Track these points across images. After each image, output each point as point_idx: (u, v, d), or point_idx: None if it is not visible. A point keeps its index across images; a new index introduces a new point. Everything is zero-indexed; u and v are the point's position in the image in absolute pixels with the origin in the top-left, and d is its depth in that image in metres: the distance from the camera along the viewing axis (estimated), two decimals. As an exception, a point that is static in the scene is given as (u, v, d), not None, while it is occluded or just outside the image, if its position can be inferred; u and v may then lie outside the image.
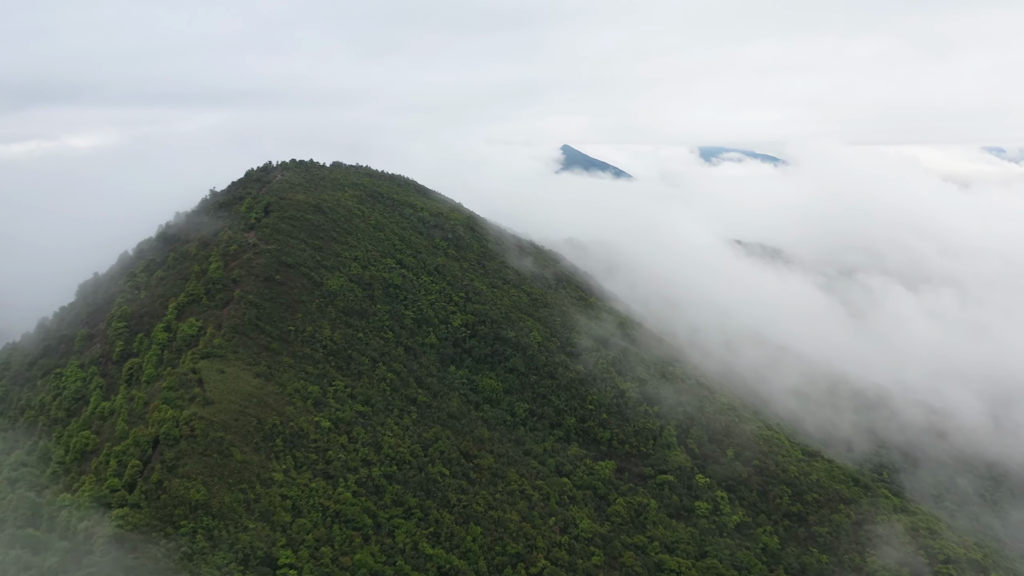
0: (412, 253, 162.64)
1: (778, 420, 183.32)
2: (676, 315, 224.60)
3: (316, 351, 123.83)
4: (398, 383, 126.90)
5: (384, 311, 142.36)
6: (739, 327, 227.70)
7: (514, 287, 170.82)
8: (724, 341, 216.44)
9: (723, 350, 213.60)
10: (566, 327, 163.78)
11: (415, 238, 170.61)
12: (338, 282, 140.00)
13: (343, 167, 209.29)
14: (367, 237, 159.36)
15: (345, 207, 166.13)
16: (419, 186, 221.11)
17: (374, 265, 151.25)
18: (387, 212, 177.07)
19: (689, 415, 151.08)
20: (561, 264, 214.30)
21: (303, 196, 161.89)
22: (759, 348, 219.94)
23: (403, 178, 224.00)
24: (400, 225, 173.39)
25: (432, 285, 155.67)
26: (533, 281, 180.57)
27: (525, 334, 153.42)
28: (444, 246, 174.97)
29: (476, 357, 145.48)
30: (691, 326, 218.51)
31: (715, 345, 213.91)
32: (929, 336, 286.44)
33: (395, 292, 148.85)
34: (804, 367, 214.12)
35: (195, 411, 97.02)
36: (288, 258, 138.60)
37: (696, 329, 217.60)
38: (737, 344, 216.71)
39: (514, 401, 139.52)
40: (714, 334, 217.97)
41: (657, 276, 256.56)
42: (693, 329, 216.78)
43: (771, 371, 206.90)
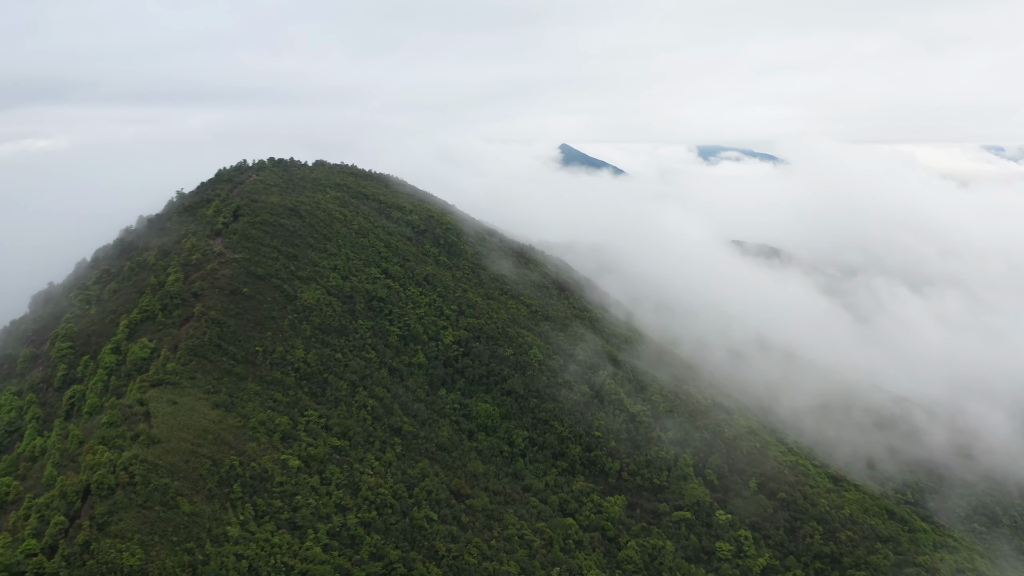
0: (399, 261, 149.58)
1: (796, 439, 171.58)
2: (680, 322, 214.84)
3: (287, 375, 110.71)
4: (380, 411, 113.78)
5: (366, 327, 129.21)
6: (746, 334, 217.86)
7: (512, 298, 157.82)
8: (732, 350, 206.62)
9: (732, 361, 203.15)
10: (570, 342, 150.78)
11: (403, 245, 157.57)
12: (314, 295, 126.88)
13: (326, 166, 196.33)
14: (349, 244, 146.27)
15: (325, 210, 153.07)
16: (409, 187, 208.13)
17: (356, 275, 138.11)
18: (372, 216, 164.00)
19: (706, 441, 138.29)
20: (562, 271, 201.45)
21: (278, 198, 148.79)
22: (768, 357, 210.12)
23: (392, 178, 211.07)
24: (386, 230, 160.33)
25: (421, 297, 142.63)
26: (533, 291, 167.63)
27: (524, 352, 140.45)
28: (435, 253, 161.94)
29: (470, 378, 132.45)
30: (697, 334, 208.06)
31: (722, 355, 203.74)
32: (941, 343, 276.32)
33: (379, 306, 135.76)
34: (817, 378, 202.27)
35: (137, 453, 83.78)
36: (258, 268, 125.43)
37: (702, 338, 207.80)
38: (745, 353, 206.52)
39: (512, 428, 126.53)
40: (720, 342, 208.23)
41: (658, 280, 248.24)
42: (699, 337, 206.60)
43: (782, 383, 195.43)
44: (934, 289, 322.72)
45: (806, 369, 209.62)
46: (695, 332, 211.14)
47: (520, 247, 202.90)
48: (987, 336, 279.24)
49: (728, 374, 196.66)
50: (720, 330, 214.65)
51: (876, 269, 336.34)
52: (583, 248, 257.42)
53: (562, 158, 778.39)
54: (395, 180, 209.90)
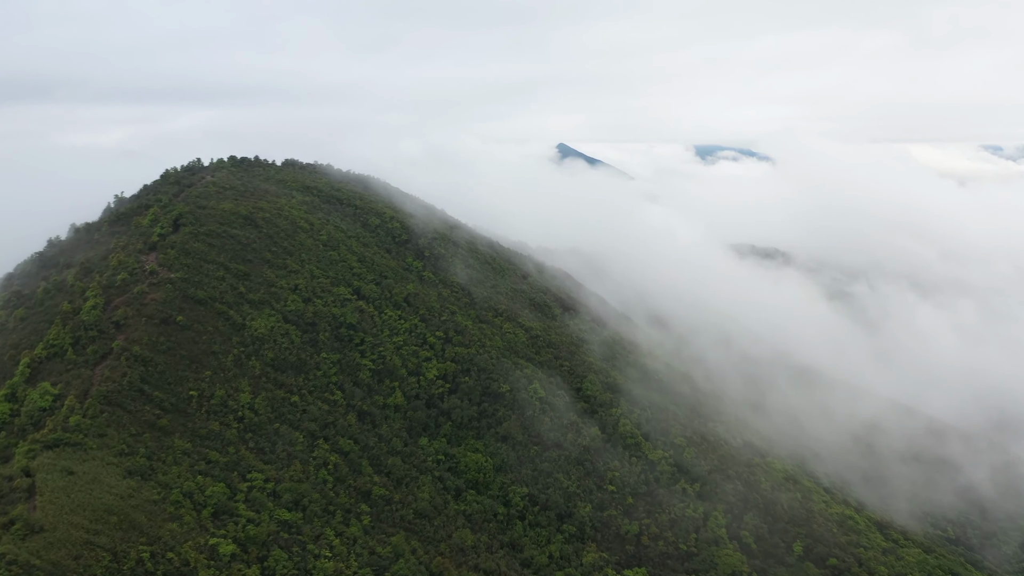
0: (375, 278, 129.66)
1: (832, 479, 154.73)
2: (685, 334, 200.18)
3: (227, 426, 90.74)
4: (345, 469, 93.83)
5: (331, 362, 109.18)
6: (758, 349, 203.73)
7: (508, 320, 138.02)
8: (745, 369, 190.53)
9: (747, 382, 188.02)
10: (576, 373, 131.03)
11: (380, 258, 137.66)
12: (268, 323, 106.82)
13: (297, 166, 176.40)
14: (314, 259, 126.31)
15: (288, 218, 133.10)
16: (392, 190, 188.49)
17: (321, 297, 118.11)
18: (346, 224, 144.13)
19: (740, 494, 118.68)
20: (564, 284, 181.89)
21: (231, 204, 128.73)
22: (785, 376, 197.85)
23: (373, 180, 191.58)
24: (361, 241, 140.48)
25: (400, 322, 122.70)
26: (533, 311, 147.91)
27: (524, 387, 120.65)
28: (418, 268, 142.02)
29: (457, 421, 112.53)
30: (706, 350, 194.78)
31: (736, 374, 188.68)
32: (959, 355, 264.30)
33: (348, 334, 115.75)
34: (842, 400, 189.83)
35: (6, 550, 63.58)
36: (198, 290, 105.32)
37: (713, 354, 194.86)
38: (760, 372, 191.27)
39: (508, 484, 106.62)
40: (731, 358, 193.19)
41: (657, 288, 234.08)
42: (709, 354, 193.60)
43: (805, 406, 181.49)
44: (941, 296, 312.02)
45: (827, 388, 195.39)
46: (704, 347, 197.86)
47: (518, 257, 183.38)
48: (1007, 348, 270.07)
49: (746, 396, 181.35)
50: (730, 344, 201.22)
51: (876, 272, 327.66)
52: (581, 254, 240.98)
53: (559, 157, 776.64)
54: (376, 182, 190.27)
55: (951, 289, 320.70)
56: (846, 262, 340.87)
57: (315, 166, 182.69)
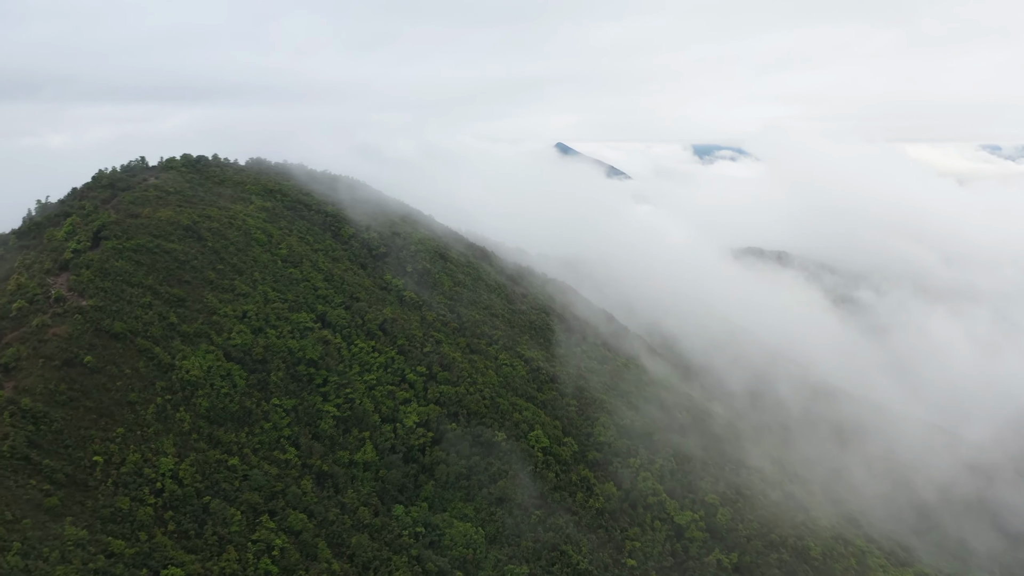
0: (344, 301, 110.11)
1: (872, 523, 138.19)
2: (696, 351, 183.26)
3: (141, 503, 71.24)
4: (296, 555, 74.24)
5: (285, 410, 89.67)
6: (776, 367, 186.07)
7: (505, 349, 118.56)
8: (765, 393, 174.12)
9: (769, 407, 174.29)
10: (587, 416, 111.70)
11: (353, 276, 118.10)
12: (204, 362, 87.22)
13: (264, 166, 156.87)
14: (271, 277, 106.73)
15: (242, 229, 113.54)
16: (372, 192, 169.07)
17: (275, 326, 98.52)
18: (313, 235, 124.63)
19: (788, 566, 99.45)
20: (568, 301, 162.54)
21: (171, 212, 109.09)
22: (805, 396, 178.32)
23: (351, 182, 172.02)
24: (331, 255, 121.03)
25: (373, 356, 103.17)
26: (534, 335, 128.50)
27: (523, 434, 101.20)
28: (398, 287, 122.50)
29: (442, 480, 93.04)
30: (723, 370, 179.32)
31: (755, 398, 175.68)
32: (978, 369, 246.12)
33: (308, 373, 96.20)
34: (869, 423, 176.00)
35: None
36: (116, 322, 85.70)
37: (729, 375, 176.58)
38: (781, 395, 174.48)
39: (504, 562, 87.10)
40: (747, 377, 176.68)
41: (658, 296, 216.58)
42: (725, 373, 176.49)
43: (832, 432, 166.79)
44: (950, 302, 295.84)
45: (851, 408, 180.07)
46: (717, 367, 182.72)
47: (516, 270, 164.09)
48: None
49: (769, 426, 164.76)
50: (743, 362, 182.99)
51: (879, 276, 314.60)
52: (577, 257, 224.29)
53: (557, 157, 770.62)
54: (356, 185, 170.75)
55: (959, 295, 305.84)
56: (848, 265, 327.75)
57: (285, 166, 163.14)
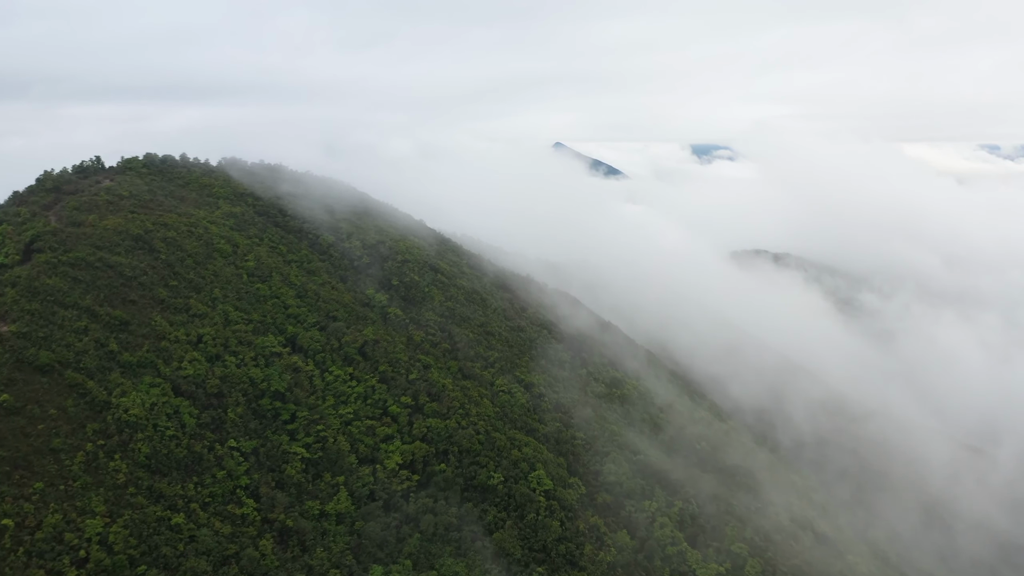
0: (319, 321, 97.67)
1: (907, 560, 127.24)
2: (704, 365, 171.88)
3: (58, 579, 58.71)
4: (248, 639, 61.67)
5: (242, 454, 77.22)
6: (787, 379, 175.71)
7: (503, 373, 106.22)
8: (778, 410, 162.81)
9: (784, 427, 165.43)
10: (595, 449, 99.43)
11: (330, 291, 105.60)
12: (147, 398, 74.79)
13: (238, 166, 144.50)
14: (234, 294, 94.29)
15: (202, 238, 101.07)
16: (358, 196, 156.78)
17: (235, 352, 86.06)
18: (286, 244, 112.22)
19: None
20: (572, 313, 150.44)
21: (120, 219, 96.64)
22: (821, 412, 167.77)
23: (337, 184, 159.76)
24: (306, 268, 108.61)
25: (350, 386, 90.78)
26: (536, 357, 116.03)
27: (524, 475, 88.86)
28: (382, 303, 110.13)
29: (428, 532, 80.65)
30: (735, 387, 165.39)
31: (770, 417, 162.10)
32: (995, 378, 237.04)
33: (273, 408, 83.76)
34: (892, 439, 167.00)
35: None
36: (43, 351, 73.28)
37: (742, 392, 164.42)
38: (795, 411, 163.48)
39: (502, 632, 74.66)
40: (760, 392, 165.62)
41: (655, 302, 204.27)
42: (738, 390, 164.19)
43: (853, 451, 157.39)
44: (956, 306, 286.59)
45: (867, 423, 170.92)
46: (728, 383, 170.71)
47: (514, 280, 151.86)
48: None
49: (789, 448, 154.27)
50: (753, 377, 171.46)
51: (881, 278, 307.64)
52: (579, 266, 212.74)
53: (554, 157, 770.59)
54: (339, 187, 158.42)
55: (963, 299, 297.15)
56: (848, 267, 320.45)
57: (262, 167, 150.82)
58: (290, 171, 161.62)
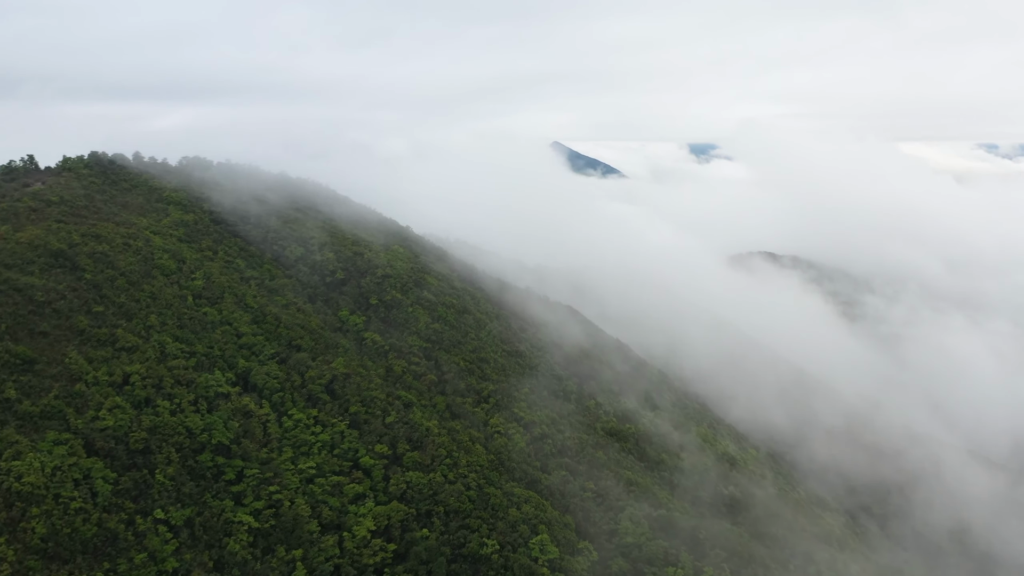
0: (279, 352, 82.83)
1: None
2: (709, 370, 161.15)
3: None
4: None
5: (172, 528, 62.30)
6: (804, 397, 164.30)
7: (500, 409, 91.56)
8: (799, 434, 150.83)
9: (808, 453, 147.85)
10: (608, 504, 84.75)
11: (293, 314, 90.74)
12: (48, 460, 60.02)
13: (199, 166, 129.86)
14: (174, 320, 79.39)
15: (141, 252, 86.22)
16: (339, 199, 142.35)
17: (171, 395, 71.13)
18: (246, 257, 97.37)
19: None
20: (578, 331, 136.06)
21: (40, 230, 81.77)
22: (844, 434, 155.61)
23: (310, 186, 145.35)
24: (267, 286, 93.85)
25: (313, 433, 75.95)
26: (537, 388, 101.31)
27: (524, 540, 74.15)
28: (358, 326, 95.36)
29: (407, 620, 65.71)
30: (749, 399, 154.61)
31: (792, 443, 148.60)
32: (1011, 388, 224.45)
33: (215, 465, 68.82)
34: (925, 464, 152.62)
35: None
36: (-87, 403, 58.08)
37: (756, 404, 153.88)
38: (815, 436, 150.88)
39: None
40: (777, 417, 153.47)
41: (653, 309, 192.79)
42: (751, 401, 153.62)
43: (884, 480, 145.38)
44: (959, 311, 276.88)
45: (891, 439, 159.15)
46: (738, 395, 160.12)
47: (513, 293, 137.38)
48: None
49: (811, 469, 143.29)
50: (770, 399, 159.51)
51: (880, 280, 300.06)
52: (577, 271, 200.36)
53: (553, 157, 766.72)
54: (317, 190, 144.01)
55: (968, 303, 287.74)
56: (849, 268, 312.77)
57: (228, 168, 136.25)
58: (264, 173, 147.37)
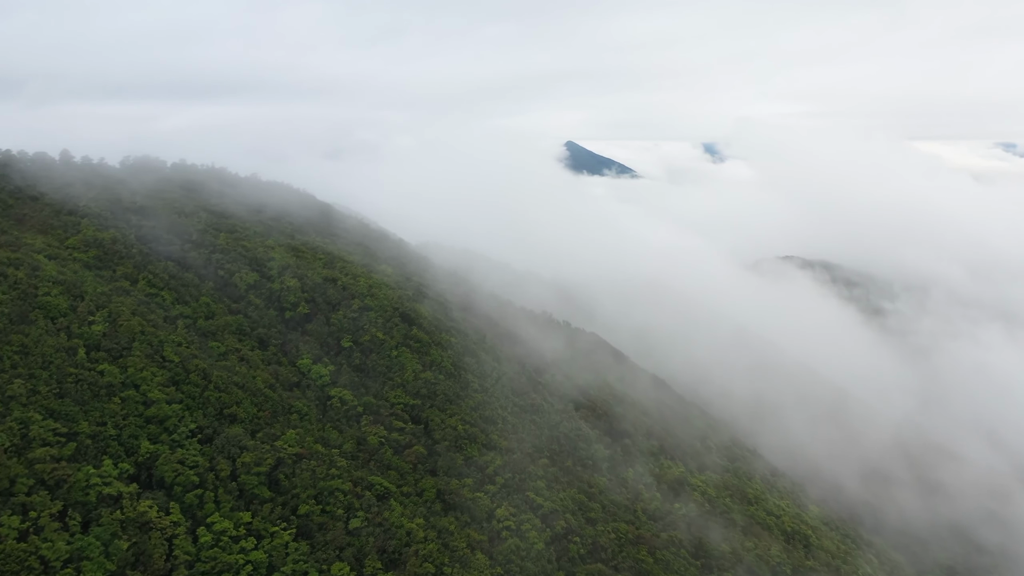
0: (200, 428, 60.41)
1: None
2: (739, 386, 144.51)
3: None
4: None
5: None
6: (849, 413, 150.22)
7: (510, 495, 68.95)
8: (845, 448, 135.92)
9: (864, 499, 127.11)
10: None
11: (229, 369, 68.36)
12: None
13: (146, 168, 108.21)
14: (51, 384, 57.30)
15: (21, 286, 64.24)
16: (312, 203, 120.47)
17: (32, 503, 48.81)
18: (178, 287, 75.23)
19: None
20: (611, 367, 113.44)
21: None
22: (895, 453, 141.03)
23: (289, 190, 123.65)
24: (198, 328, 71.58)
25: (241, 551, 53.41)
26: (560, 456, 78.63)
27: None
28: (323, 379, 72.93)
29: None
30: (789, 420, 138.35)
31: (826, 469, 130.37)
32: None
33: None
34: None
35: None
36: None
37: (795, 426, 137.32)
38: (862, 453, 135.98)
39: None
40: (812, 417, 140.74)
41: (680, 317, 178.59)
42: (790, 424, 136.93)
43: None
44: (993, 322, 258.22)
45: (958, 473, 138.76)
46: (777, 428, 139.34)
47: (528, 322, 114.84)
48: None
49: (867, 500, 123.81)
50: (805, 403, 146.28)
51: (899, 284, 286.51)
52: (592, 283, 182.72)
53: (568, 157, 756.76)
54: (290, 195, 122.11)
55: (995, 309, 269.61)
56: (869, 271, 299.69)
57: (183, 170, 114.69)
58: (230, 176, 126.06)
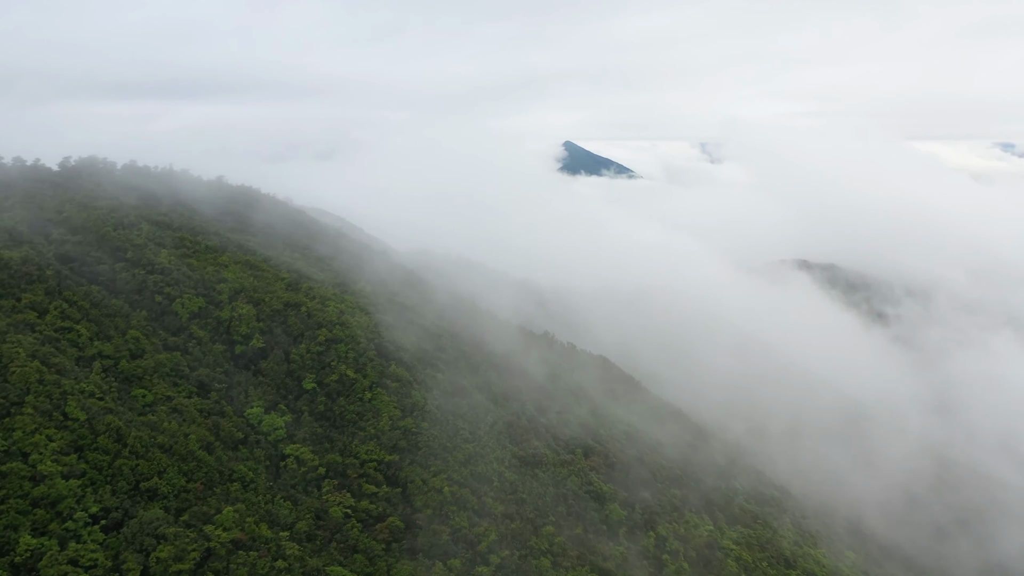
0: (106, 511, 46.74)
1: None
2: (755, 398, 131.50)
3: None
4: None
5: None
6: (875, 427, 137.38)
7: (509, 571, 55.50)
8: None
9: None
10: None
11: (153, 427, 54.81)
12: None
13: (87, 168, 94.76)
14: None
15: None
16: (280, 207, 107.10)
17: None
18: (99, 317, 61.82)
19: None
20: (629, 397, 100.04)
21: None
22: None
23: (264, 199, 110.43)
24: (118, 372, 58.09)
25: None
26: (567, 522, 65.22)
27: None
28: (277, 433, 59.40)
29: None
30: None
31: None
32: None
33: None
34: None
35: None
36: None
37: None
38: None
39: None
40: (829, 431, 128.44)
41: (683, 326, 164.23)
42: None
43: None
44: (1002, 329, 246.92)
45: None
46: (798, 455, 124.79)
47: (525, 345, 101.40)
48: None
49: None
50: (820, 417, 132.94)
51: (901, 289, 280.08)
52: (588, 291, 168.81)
53: (567, 157, 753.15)
54: (259, 202, 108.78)
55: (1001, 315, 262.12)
56: (869, 272, 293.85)
57: (136, 171, 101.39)
58: (191, 179, 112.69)
